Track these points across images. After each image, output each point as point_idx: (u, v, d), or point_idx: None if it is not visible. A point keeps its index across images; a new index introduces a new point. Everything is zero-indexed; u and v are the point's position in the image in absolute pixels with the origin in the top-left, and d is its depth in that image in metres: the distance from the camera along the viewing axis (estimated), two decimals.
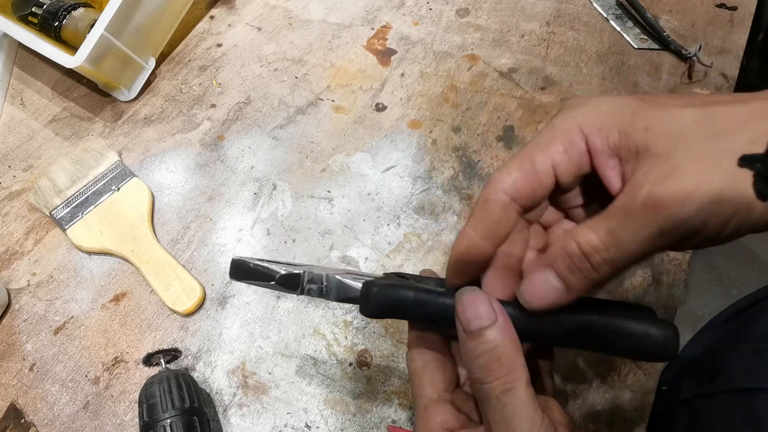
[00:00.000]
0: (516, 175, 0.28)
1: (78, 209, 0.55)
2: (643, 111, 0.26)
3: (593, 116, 0.27)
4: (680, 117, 0.25)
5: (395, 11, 0.71)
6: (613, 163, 0.27)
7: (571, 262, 0.26)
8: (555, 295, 0.26)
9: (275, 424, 0.46)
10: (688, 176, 0.24)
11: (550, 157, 0.28)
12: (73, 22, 0.63)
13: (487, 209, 0.28)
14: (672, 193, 0.24)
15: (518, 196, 0.28)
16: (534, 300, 0.27)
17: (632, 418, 0.44)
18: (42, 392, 0.48)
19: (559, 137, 0.27)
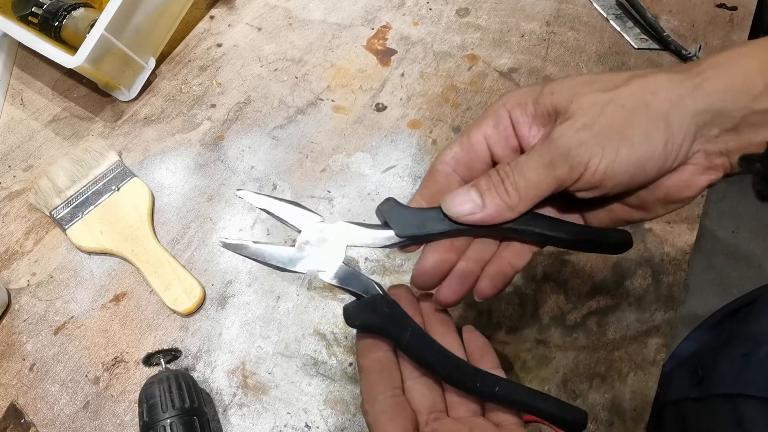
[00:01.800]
0: (456, 149, 0.34)
1: (78, 209, 0.55)
2: (551, 83, 0.32)
3: (515, 96, 0.33)
4: (577, 81, 0.31)
5: (395, 11, 0.71)
6: (534, 131, 0.32)
7: (489, 182, 0.31)
8: (471, 206, 0.31)
9: (275, 424, 0.46)
10: (579, 120, 0.29)
11: (482, 132, 0.33)
12: (73, 22, 0.63)
13: (433, 179, 0.34)
14: (562, 132, 0.30)
15: (458, 167, 0.34)
16: (454, 208, 0.32)
17: (632, 418, 0.44)
18: (42, 392, 0.48)
19: (489, 115, 0.33)
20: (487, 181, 0.31)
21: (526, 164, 0.30)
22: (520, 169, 0.31)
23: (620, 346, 0.47)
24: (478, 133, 0.33)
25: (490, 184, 0.31)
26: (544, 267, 0.51)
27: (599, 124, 0.29)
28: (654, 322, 0.48)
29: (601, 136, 0.29)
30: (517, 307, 0.49)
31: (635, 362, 0.46)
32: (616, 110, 0.29)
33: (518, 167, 0.31)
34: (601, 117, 0.29)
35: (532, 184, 0.30)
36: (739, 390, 0.43)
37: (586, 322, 0.48)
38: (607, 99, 0.29)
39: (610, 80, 0.30)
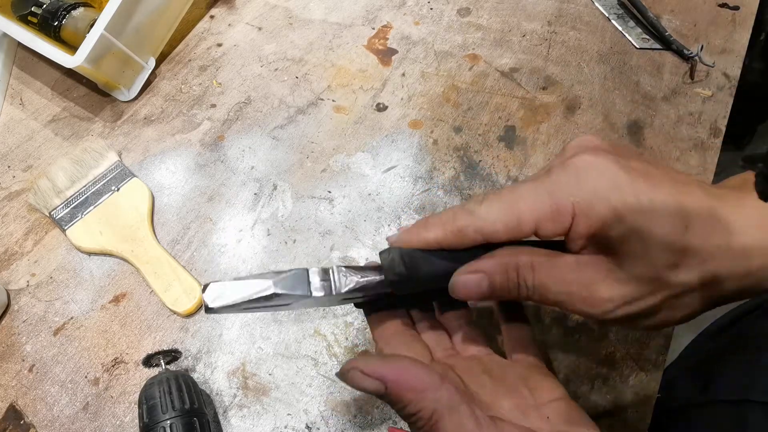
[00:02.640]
0: (499, 227, 0.29)
1: (78, 210, 0.55)
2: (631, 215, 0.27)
3: (588, 199, 0.28)
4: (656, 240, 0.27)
5: (396, 11, 0.71)
6: (582, 242, 0.29)
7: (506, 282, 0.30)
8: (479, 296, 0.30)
9: (276, 425, 0.45)
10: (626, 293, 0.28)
11: (537, 219, 0.29)
12: (73, 22, 0.63)
13: (459, 237, 0.30)
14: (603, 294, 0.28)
15: (492, 240, 0.30)
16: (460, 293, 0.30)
17: (634, 419, 0.44)
18: (41, 393, 0.48)
19: (550, 206, 0.29)
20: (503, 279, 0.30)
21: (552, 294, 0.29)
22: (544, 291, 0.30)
23: (622, 348, 0.47)
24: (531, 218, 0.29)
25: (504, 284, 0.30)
26: None
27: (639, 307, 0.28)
28: None
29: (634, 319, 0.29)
30: None
31: (637, 363, 0.46)
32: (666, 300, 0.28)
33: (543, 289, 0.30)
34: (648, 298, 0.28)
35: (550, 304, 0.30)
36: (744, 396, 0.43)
37: (587, 323, 0.48)
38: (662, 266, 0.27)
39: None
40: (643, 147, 0.57)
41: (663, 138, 0.58)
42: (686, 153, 0.57)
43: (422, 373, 0.26)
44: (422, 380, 0.26)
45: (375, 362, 0.27)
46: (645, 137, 0.58)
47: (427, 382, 0.26)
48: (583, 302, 0.28)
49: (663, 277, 0.27)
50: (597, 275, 0.28)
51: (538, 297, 0.30)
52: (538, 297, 0.30)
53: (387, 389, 0.26)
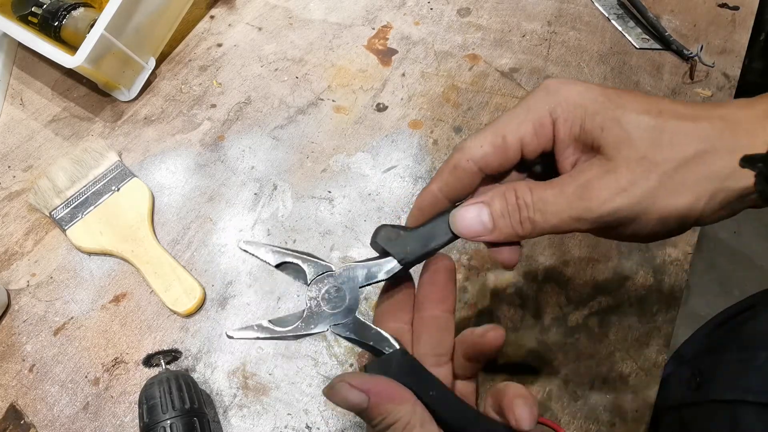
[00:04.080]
0: (488, 149, 0.31)
1: (78, 210, 0.55)
2: (605, 110, 0.28)
3: (563, 104, 0.29)
4: (634, 123, 0.28)
5: (396, 11, 0.71)
6: (569, 151, 0.30)
7: (505, 207, 0.30)
8: (481, 229, 0.30)
9: (276, 425, 0.45)
10: (619, 179, 0.28)
11: (520, 135, 0.30)
12: (73, 22, 0.63)
13: (455, 174, 0.31)
14: (598, 189, 0.28)
15: (485, 167, 0.31)
16: (462, 227, 0.31)
17: (634, 419, 0.44)
18: (42, 393, 0.48)
19: (531, 118, 0.30)
20: (502, 205, 0.30)
21: (551, 204, 0.29)
22: (543, 206, 0.29)
23: (621, 347, 0.47)
24: (515, 135, 0.30)
25: (505, 209, 0.30)
26: (546, 268, 0.51)
27: (637, 191, 0.27)
28: (655, 323, 0.48)
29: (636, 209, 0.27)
30: (518, 308, 0.49)
31: (637, 363, 0.46)
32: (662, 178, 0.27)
33: (542, 203, 0.29)
34: (642, 179, 0.27)
35: (550, 225, 0.29)
36: (738, 396, 0.43)
37: (587, 323, 0.48)
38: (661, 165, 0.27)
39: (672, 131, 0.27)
40: None
41: None
42: None
43: (401, 389, 0.29)
44: (402, 394, 0.28)
45: (361, 377, 0.28)
46: None
47: (406, 397, 0.28)
48: (580, 201, 0.28)
49: (649, 155, 0.27)
50: (590, 173, 0.28)
51: (539, 215, 0.29)
52: (540, 216, 0.29)
53: (370, 401, 0.27)
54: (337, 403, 0.28)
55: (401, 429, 0.27)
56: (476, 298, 0.50)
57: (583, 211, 0.28)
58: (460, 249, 0.52)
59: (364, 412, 0.28)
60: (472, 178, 0.31)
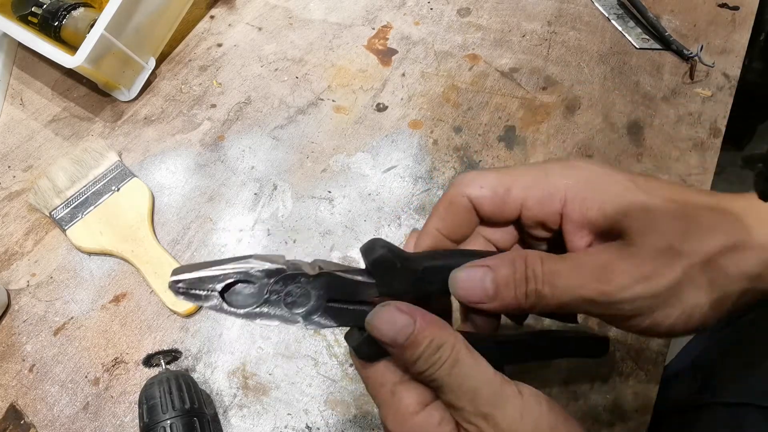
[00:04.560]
0: (486, 193, 0.29)
1: (78, 210, 0.55)
2: (629, 193, 0.27)
3: (583, 185, 0.28)
4: (661, 210, 0.26)
5: (396, 11, 0.71)
6: (582, 233, 0.28)
7: (511, 276, 0.27)
8: (481, 295, 0.28)
9: (276, 425, 0.45)
10: (642, 266, 0.26)
11: (524, 197, 0.29)
12: (73, 22, 0.63)
13: (451, 210, 0.30)
14: (619, 274, 0.26)
15: (480, 210, 0.29)
16: (461, 290, 0.28)
17: (634, 419, 0.44)
18: (42, 393, 0.48)
19: (542, 186, 0.28)
20: (508, 272, 0.27)
21: (564, 279, 0.26)
22: (554, 280, 0.27)
23: (622, 347, 0.47)
24: (519, 193, 0.29)
25: (511, 277, 0.27)
26: None
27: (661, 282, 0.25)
28: None
29: (658, 300, 0.26)
30: None
31: (637, 363, 0.46)
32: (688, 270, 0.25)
33: (553, 277, 0.27)
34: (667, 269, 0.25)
35: (558, 302, 0.27)
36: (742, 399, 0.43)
37: (587, 323, 0.48)
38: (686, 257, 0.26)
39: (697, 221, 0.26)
40: (642, 147, 0.57)
41: (663, 138, 0.58)
42: (686, 153, 0.57)
43: (441, 319, 0.27)
44: (444, 322, 0.27)
45: (404, 303, 0.27)
46: (645, 137, 0.58)
47: (446, 323, 0.27)
48: (598, 283, 0.26)
49: (676, 246, 0.25)
50: (610, 256, 0.26)
51: (548, 289, 0.27)
52: (549, 289, 0.27)
53: (417, 324, 0.26)
54: (383, 328, 0.26)
55: (449, 351, 0.26)
56: None
57: (599, 295, 0.26)
58: None
59: (409, 338, 0.26)
60: (468, 215, 0.30)
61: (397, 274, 0.28)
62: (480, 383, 0.26)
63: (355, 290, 0.28)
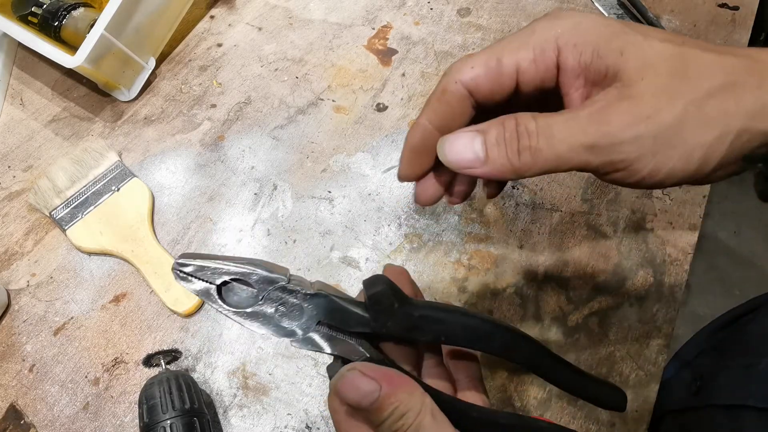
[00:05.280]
0: (479, 71, 0.27)
1: (78, 210, 0.55)
2: (624, 34, 0.26)
3: (572, 30, 0.26)
4: (657, 49, 0.25)
5: (396, 11, 0.71)
6: (578, 83, 0.27)
7: (501, 134, 0.26)
8: (472, 158, 0.26)
9: (276, 425, 0.45)
10: (642, 105, 0.24)
11: (517, 61, 0.27)
12: (73, 22, 0.63)
13: (444, 100, 0.28)
14: (619, 114, 0.24)
15: (476, 92, 0.28)
16: (450, 155, 0.27)
17: (634, 419, 0.44)
18: (42, 393, 0.48)
19: (532, 43, 0.27)
20: (498, 133, 0.26)
21: (560, 130, 0.25)
22: (549, 131, 0.25)
23: (622, 347, 0.47)
24: (511, 60, 0.27)
25: (501, 137, 0.26)
26: (546, 267, 0.51)
27: (663, 120, 0.24)
28: (656, 323, 0.48)
29: (660, 140, 0.24)
30: (518, 308, 0.49)
31: (637, 363, 0.46)
32: (689, 108, 0.24)
33: (548, 129, 0.25)
34: (667, 107, 0.24)
35: (556, 155, 0.25)
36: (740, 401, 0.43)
37: (587, 323, 0.48)
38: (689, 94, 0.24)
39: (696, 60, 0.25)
40: None
41: None
42: None
43: (409, 379, 0.27)
44: (411, 383, 0.27)
45: (372, 366, 0.27)
46: None
47: (415, 385, 0.27)
48: (598, 125, 0.24)
49: (675, 84, 0.24)
50: (608, 100, 0.25)
51: (544, 142, 0.25)
52: (544, 141, 0.25)
53: (382, 389, 0.26)
54: (347, 394, 0.26)
55: (413, 418, 0.25)
56: (476, 298, 0.50)
57: (601, 137, 0.24)
58: (460, 249, 0.52)
59: (374, 403, 0.26)
60: (462, 104, 0.28)
61: (393, 315, 0.28)
62: None
63: (348, 319, 0.28)
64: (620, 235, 0.52)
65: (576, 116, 0.25)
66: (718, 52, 0.25)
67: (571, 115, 0.25)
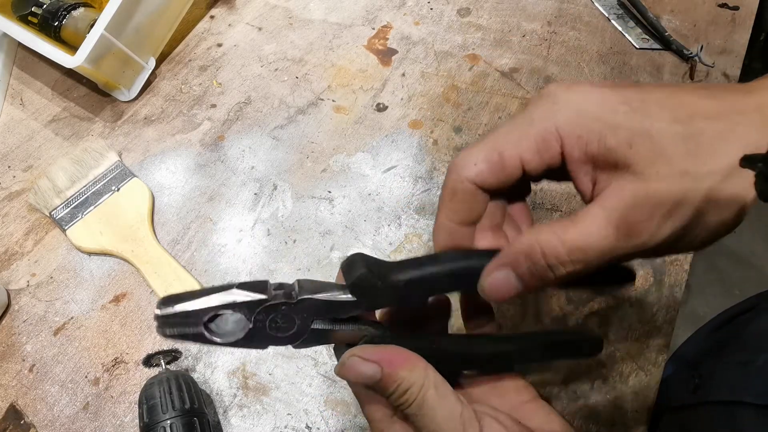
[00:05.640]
0: (482, 167, 0.28)
1: (78, 210, 0.55)
2: (630, 122, 0.25)
3: (574, 120, 0.26)
4: (666, 134, 0.25)
5: (396, 11, 0.71)
6: (586, 169, 0.27)
7: (533, 268, 0.26)
8: (514, 291, 0.27)
9: (276, 425, 0.45)
10: (663, 202, 0.24)
11: (520, 153, 0.27)
12: (73, 22, 0.63)
13: (457, 200, 0.29)
14: (644, 221, 0.24)
15: (484, 185, 0.28)
16: (493, 295, 0.28)
17: (634, 419, 0.44)
18: (42, 393, 0.48)
19: (533, 135, 0.27)
20: (529, 266, 0.26)
21: (591, 249, 0.25)
22: (583, 255, 0.25)
23: (622, 347, 0.47)
24: (513, 153, 0.27)
25: (533, 270, 0.26)
26: None
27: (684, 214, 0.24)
28: (655, 323, 0.48)
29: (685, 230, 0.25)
30: (519, 308, 0.49)
31: (637, 363, 0.46)
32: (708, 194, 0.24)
33: (580, 253, 0.25)
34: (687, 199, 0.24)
35: (592, 267, 0.26)
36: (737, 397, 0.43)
37: (587, 323, 0.48)
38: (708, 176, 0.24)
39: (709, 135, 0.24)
40: None
41: None
42: None
43: (411, 355, 0.28)
44: (413, 360, 0.28)
45: (370, 348, 0.28)
46: None
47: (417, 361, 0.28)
48: (628, 238, 0.25)
49: (691, 169, 0.24)
50: (626, 199, 0.25)
51: (580, 266, 0.25)
52: (581, 265, 0.25)
53: (383, 371, 0.27)
54: (351, 379, 0.28)
55: (417, 393, 0.27)
56: None
57: (633, 249, 0.25)
58: None
59: (378, 383, 0.27)
60: (475, 197, 0.29)
61: (379, 293, 0.28)
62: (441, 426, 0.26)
63: (339, 310, 0.29)
64: None
65: (601, 230, 0.25)
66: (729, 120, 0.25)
67: (596, 229, 0.25)
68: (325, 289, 0.29)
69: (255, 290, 0.27)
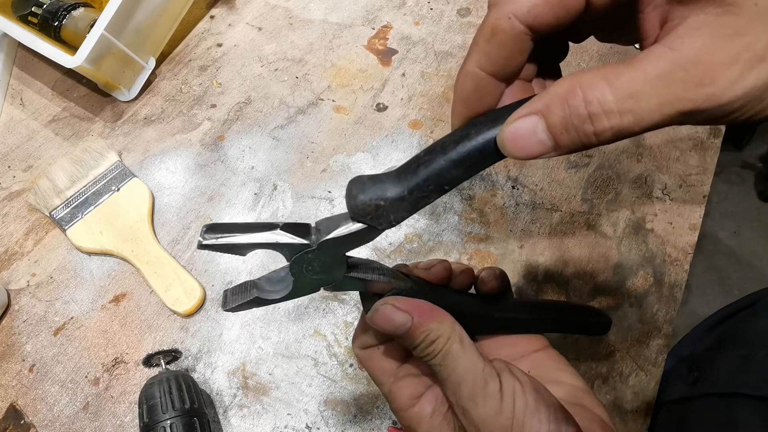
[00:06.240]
0: None
1: (78, 210, 0.55)
2: None
3: None
4: None
5: (396, 11, 0.71)
6: (658, 1, 0.22)
7: (570, 119, 0.20)
8: (539, 149, 0.22)
9: (276, 425, 0.45)
10: (753, 43, 0.18)
11: None
12: (73, 22, 0.63)
13: (495, 42, 0.22)
14: (723, 65, 0.18)
15: (536, 24, 0.22)
16: (514, 148, 0.22)
17: (634, 419, 0.44)
18: (42, 393, 0.48)
19: None
20: (564, 116, 0.20)
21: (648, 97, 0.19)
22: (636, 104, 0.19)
23: (622, 347, 0.47)
24: None
25: (569, 121, 0.20)
26: (546, 267, 0.51)
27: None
28: (655, 323, 0.48)
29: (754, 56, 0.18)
30: None
31: (636, 363, 0.46)
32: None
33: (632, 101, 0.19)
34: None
35: (644, 128, 0.20)
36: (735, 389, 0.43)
37: None
38: None
39: None
40: (642, 147, 0.57)
41: (663, 138, 0.58)
42: (686, 153, 0.57)
43: (440, 309, 0.30)
44: (441, 313, 0.29)
45: (403, 299, 0.29)
46: (645, 137, 0.58)
47: (445, 315, 0.29)
48: (698, 87, 0.18)
49: None
50: (703, 38, 0.19)
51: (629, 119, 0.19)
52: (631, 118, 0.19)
53: (413, 320, 0.28)
54: (381, 326, 0.29)
55: (443, 343, 0.28)
56: None
57: (704, 101, 0.19)
58: (460, 249, 0.52)
59: (407, 332, 0.28)
60: (519, 42, 0.22)
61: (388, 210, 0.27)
62: (464, 377, 0.27)
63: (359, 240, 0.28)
64: (620, 235, 0.52)
65: (667, 76, 0.19)
66: None
67: (660, 73, 0.19)
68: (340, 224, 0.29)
69: (298, 234, 0.28)
